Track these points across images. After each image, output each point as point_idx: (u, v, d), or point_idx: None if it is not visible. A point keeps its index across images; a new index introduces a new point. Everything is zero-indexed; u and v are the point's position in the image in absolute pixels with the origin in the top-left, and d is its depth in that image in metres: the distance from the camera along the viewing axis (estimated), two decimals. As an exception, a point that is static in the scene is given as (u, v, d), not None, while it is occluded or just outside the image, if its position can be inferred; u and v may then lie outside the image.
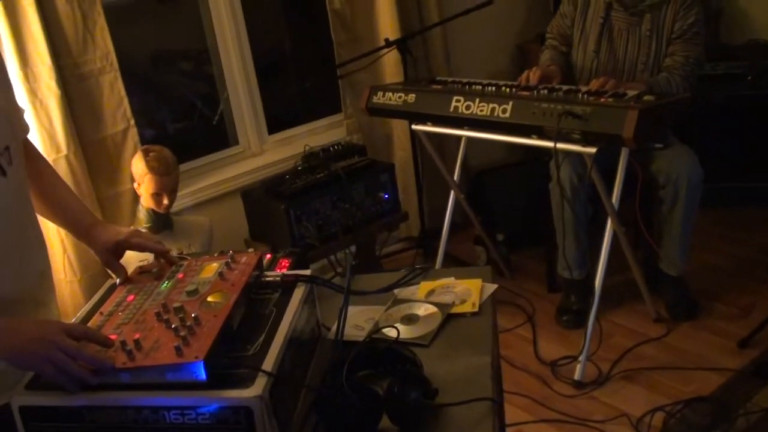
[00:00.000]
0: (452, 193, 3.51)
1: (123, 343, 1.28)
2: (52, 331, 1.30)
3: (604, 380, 2.94)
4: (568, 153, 2.88)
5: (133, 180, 3.05)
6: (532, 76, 3.02)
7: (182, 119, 4.09)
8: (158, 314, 1.37)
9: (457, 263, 3.87)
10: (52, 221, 1.72)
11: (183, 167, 3.34)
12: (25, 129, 1.64)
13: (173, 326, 1.31)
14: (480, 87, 3.05)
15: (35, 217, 1.60)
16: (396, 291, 1.87)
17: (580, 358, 2.95)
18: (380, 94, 3.29)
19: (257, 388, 1.21)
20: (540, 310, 3.50)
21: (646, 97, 2.62)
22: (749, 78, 3.94)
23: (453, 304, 1.75)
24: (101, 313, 1.44)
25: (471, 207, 3.66)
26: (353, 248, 3.57)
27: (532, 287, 3.70)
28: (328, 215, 3.34)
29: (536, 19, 4.41)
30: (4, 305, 1.43)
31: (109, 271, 1.64)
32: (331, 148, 3.53)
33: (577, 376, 2.94)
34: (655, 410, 2.70)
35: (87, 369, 1.26)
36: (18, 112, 1.61)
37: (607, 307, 3.31)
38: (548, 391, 2.93)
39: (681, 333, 3.19)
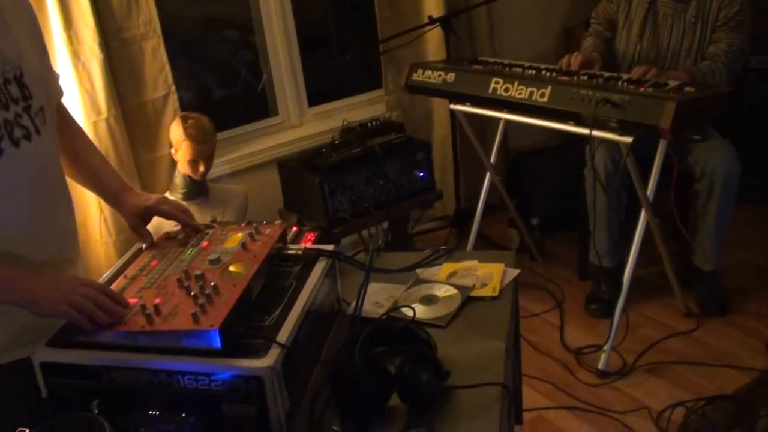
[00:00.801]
0: (488, 174, 3.50)
1: (143, 307, 1.31)
2: (70, 280, 1.37)
3: (628, 371, 2.93)
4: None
5: (171, 145, 3.08)
6: (573, 61, 2.99)
7: (227, 86, 4.12)
8: (179, 281, 1.40)
9: (490, 245, 3.85)
10: (83, 185, 1.75)
11: (222, 135, 3.38)
12: (60, 93, 1.68)
13: (192, 293, 1.34)
14: (520, 69, 3.02)
15: (64, 178, 1.63)
16: (418, 271, 1.87)
17: (605, 348, 2.94)
18: (420, 71, 3.28)
19: (270, 359, 1.23)
20: (569, 297, 3.48)
21: (687, 89, 2.57)
22: (799, 73, 3.85)
23: (473, 287, 1.75)
24: (125, 277, 1.47)
25: (507, 190, 3.65)
26: (386, 224, 3.58)
27: (564, 273, 3.68)
28: (362, 190, 3.35)
29: (584, 2, 4.34)
30: (31, 264, 1.47)
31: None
32: (369, 124, 3.53)
33: (601, 365, 2.93)
34: (677, 405, 2.67)
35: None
36: (53, 75, 1.64)
37: (637, 299, 3.28)
38: (571, 379, 2.93)
39: (710, 329, 3.15)
